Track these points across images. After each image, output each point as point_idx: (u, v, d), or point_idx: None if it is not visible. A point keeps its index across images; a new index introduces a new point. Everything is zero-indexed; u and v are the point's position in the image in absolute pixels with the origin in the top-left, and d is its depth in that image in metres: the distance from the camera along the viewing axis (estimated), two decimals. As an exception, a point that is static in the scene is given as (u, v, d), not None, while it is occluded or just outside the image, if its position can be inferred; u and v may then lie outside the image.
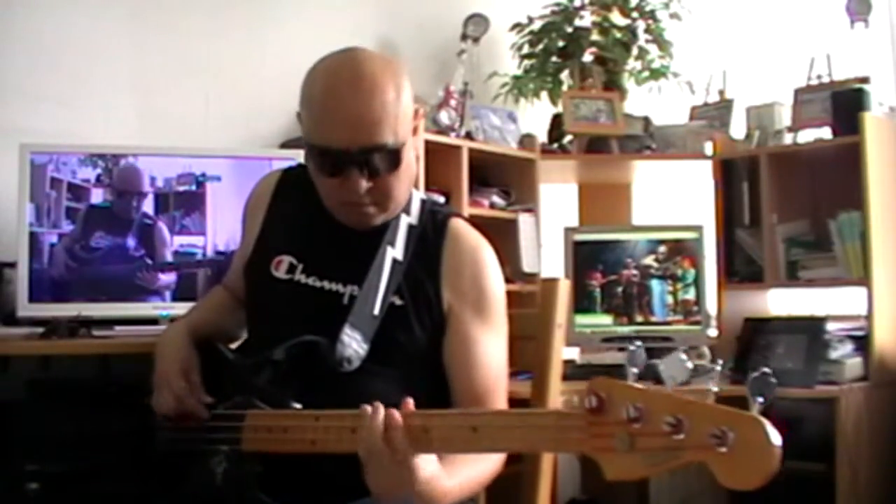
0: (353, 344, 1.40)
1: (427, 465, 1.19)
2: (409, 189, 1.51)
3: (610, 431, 1.01)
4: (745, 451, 0.93)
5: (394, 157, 1.40)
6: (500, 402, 1.47)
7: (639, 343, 1.11)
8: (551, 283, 1.64)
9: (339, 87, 1.37)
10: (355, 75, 1.38)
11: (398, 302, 1.46)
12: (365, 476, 1.20)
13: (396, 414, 1.18)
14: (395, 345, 1.44)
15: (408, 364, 1.45)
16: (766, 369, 1.01)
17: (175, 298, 2.30)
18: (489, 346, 1.47)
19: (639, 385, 1.02)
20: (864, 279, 2.96)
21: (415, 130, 1.47)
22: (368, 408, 1.20)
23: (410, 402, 1.22)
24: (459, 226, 1.54)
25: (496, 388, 1.47)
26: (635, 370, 1.08)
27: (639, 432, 0.99)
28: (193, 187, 2.37)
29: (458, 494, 1.31)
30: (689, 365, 1.08)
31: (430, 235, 1.52)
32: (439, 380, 1.47)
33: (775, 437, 0.92)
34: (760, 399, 0.99)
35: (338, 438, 1.24)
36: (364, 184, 1.39)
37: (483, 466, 1.38)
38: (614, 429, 1.00)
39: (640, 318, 3.23)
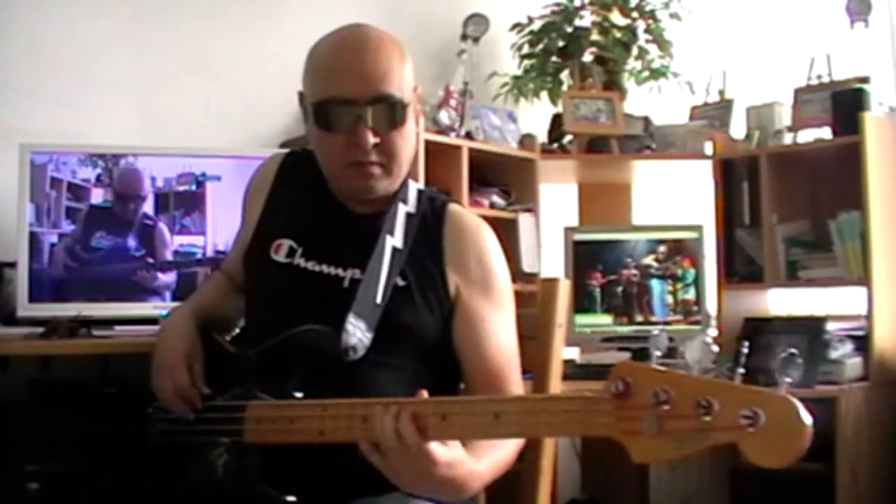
0: (358, 333, 1.40)
1: (442, 450, 1.18)
2: (410, 160, 1.51)
3: (637, 415, 1.01)
4: (777, 431, 0.93)
5: (400, 111, 1.43)
6: (516, 381, 1.47)
7: (661, 327, 1.11)
8: (551, 283, 1.64)
9: (347, 44, 1.45)
10: (361, 35, 1.46)
11: (401, 283, 1.46)
12: (385, 473, 1.19)
13: (403, 407, 1.18)
14: (401, 327, 1.44)
15: (414, 351, 1.45)
16: (793, 350, 1.02)
17: (175, 298, 2.30)
18: (499, 325, 1.48)
19: (664, 369, 1.02)
20: (864, 279, 2.96)
21: (417, 113, 1.51)
22: (379, 406, 1.19)
23: (424, 392, 1.21)
24: (459, 210, 1.56)
25: (510, 367, 1.47)
26: (658, 353, 1.08)
27: (667, 415, 0.99)
28: (193, 187, 2.38)
29: (489, 475, 1.31)
30: (715, 348, 1.09)
31: (430, 221, 1.53)
32: (445, 367, 1.47)
33: (806, 416, 0.93)
34: (788, 379, 0.99)
35: (348, 427, 1.23)
36: (371, 138, 1.41)
37: (506, 449, 1.37)
38: (642, 412, 1.00)
39: (640, 318, 3.23)
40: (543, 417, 1.12)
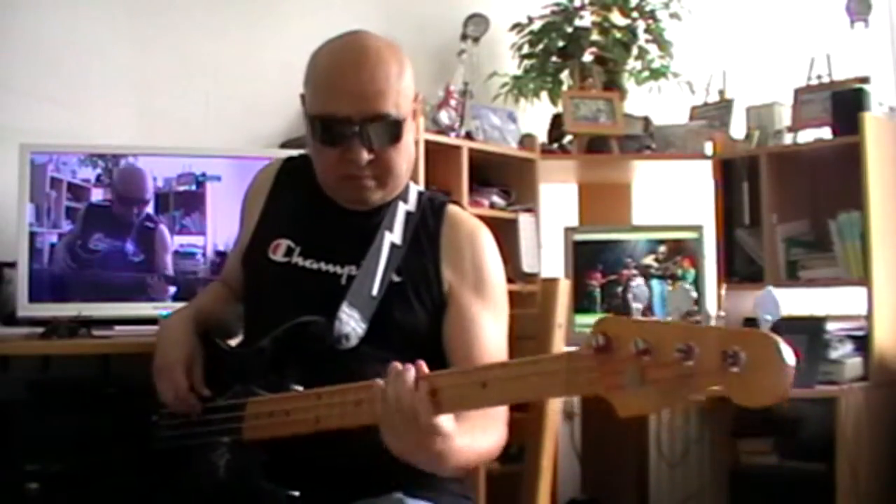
0: (352, 322, 1.41)
1: (449, 422, 1.17)
2: (409, 171, 1.52)
3: (620, 368, 0.99)
4: (759, 370, 0.91)
5: (395, 129, 1.43)
6: None
7: (640, 280, 1.10)
8: (551, 283, 1.64)
9: (345, 59, 1.43)
10: (360, 49, 1.43)
11: (396, 279, 1.47)
12: (383, 437, 1.17)
13: (425, 371, 1.16)
14: (394, 323, 1.45)
15: (407, 345, 1.45)
16: (770, 287, 1.01)
17: (175, 298, 2.31)
18: (488, 327, 1.48)
19: (644, 318, 1.01)
20: (864, 279, 2.96)
21: (414, 115, 1.50)
22: (398, 365, 1.18)
23: (423, 364, 1.19)
24: (457, 211, 1.57)
25: None
26: (639, 306, 1.07)
27: (649, 365, 0.97)
28: (193, 187, 2.38)
29: (466, 454, 1.28)
30: (694, 294, 1.09)
31: (429, 220, 1.53)
32: (440, 363, 1.47)
33: (787, 353, 0.91)
34: (768, 317, 0.99)
35: (341, 413, 1.24)
36: (365, 155, 1.41)
37: (487, 440, 1.35)
38: (624, 365, 0.99)
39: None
40: (528, 381, 1.11)
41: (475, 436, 1.32)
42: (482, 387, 1.13)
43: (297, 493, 1.33)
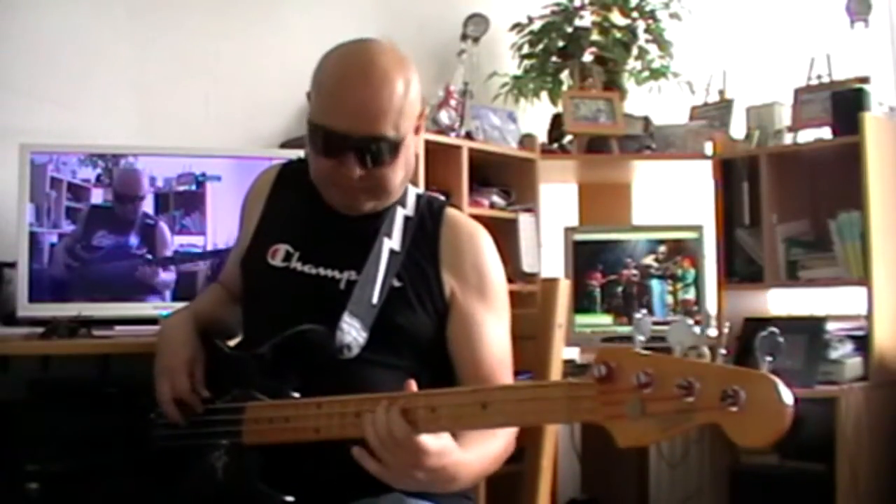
0: (353, 331, 1.41)
1: (432, 440, 1.19)
2: (405, 182, 1.52)
3: (620, 399, 1.01)
4: (757, 410, 0.93)
5: (392, 150, 1.42)
6: (507, 382, 1.47)
7: (644, 311, 1.12)
8: (551, 283, 1.64)
9: (350, 73, 1.41)
10: (367, 65, 1.41)
11: (396, 284, 1.47)
12: (378, 475, 1.19)
13: (392, 402, 1.19)
14: (396, 328, 1.45)
15: (409, 350, 1.46)
16: (773, 329, 1.03)
17: (175, 298, 2.31)
18: (492, 328, 1.49)
19: (647, 352, 1.03)
20: (864, 279, 2.96)
21: (417, 129, 1.50)
22: (368, 403, 1.20)
23: (413, 383, 1.22)
24: (456, 214, 1.57)
25: (501, 370, 1.47)
26: (642, 338, 1.09)
27: (649, 397, 0.99)
28: (193, 187, 2.38)
29: (478, 467, 1.31)
30: (696, 330, 1.10)
31: (428, 224, 1.53)
32: (440, 367, 1.48)
33: (786, 395, 0.93)
34: (769, 358, 1.01)
35: (342, 424, 1.24)
36: (358, 171, 1.41)
37: (497, 443, 1.37)
38: (625, 396, 1.01)
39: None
40: (529, 405, 1.13)
41: (486, 443, 1.33)
42: (482, 408, 1.14)
43: (291, 499, 1.33)
